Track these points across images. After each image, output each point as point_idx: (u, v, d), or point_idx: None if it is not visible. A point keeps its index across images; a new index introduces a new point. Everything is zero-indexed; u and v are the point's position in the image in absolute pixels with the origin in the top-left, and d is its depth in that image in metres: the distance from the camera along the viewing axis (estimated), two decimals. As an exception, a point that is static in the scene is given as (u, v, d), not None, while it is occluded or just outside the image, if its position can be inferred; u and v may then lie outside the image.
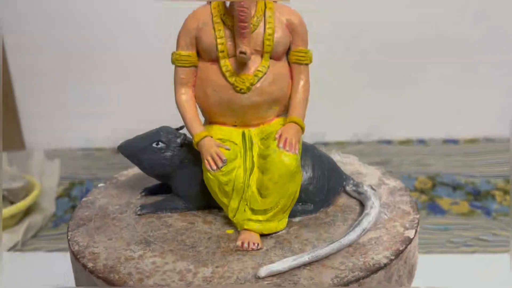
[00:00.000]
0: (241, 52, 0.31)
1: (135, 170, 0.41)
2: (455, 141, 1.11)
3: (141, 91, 1.14)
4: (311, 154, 0.34)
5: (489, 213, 0.86)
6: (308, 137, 1.03)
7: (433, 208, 0.87)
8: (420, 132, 1.12)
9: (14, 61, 1.14)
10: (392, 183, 0.38)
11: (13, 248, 0.79)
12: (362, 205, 0.33)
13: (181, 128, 0.35)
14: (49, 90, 1.16)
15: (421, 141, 1.12)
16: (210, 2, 0.33)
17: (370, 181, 0.38)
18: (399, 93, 1.10)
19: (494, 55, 1.07)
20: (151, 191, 0.37)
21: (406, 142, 1.11)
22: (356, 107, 1.11)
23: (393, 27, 1.07)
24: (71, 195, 0.99)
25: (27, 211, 0.90)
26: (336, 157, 0.43)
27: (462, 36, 1.07)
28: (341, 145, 1.11)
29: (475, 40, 1.07)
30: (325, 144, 1.12)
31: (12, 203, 0.88)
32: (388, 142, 1.12)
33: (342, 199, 0.35)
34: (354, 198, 0.35)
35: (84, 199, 0.37)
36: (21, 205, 0.85)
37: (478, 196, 0.91)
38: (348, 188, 0.35)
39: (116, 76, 1.13)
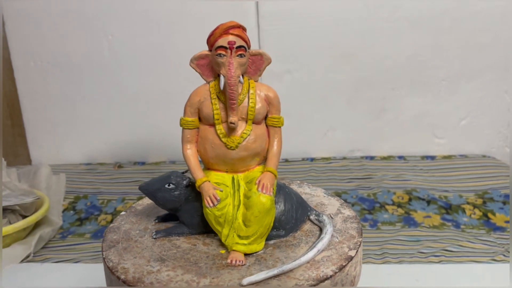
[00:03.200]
0: (231, 123, 0.45)
1: (148, 201, 0.55)
2: (432, 157, 1.25)
3: (141, 109, 1.27)
4: (283, 192, 0.48)
5: (459, 226, 1.01)
6: (298, 153, 1.18)
7: (408, 221, 1.02)
8: (400, 149, 1.26)
9: (21, 79, 1.27)
10: (347, 212, 0.51)
11: (26, 259, 0.92)
12: (321, 230, 0.47)
13: (186, 171, 0.49)
14: (53, 108, 1.29)
15: (401, 157, 1.26)
16: (209, 82, 0.47)
17: (330, 210, 0.52)
18: (381, 114, 1.24)
19: (466, 81, 1.22)
20: (162, 219, 0.51)
21: (387, 158, 1.26)
22: (342, 127, 1.25)
23: (374, 55, 1.21)
24: (76, 208, 1.13)
25: (37, 224, 1.03)
26: (306, 189, 0.57)
27: (437, 64, 1.21)
28: (326, 161, 1.25)
29: (450, 67, 1.21)
30: (313, 159, 1.26)
31: (23, 216, 1.02)
32: (371, 158, 1.26)
33: (307, 226, 0.49)
34: (316, 225, 0.49)
35: (111, 225, 0.50)
36: (32, 219, 0.98)
37: (449, 210, 1.05)
38: (311, 217, 0.49)
39: (118, 94, 1.26)
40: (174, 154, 1.27)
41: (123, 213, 0.53)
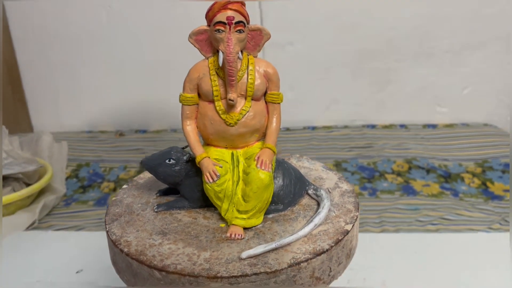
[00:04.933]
0: (230, 100, 0.45)
1: (150, 174, 0.56)
2: (434, 126, 1.26)
3: (142, 77, 1.27)
4: (282, 167, 0.49)
5: (457, 194, 1.02)
6: (299, 122, 1.19)
7: (407, 190, 1.03)
8: (402, 118, 1.27)
9: (20, 49, 1.26)
10: (345, 186, 0.53)
11: (31, 226, 0.95)
12: (319, 205, 0.49)
13: (186, 147, 0.50)
14: (54, 74, 1.29)
15: (403, 126, 1.27)
16: (208, 58, 0.47)
17: (328, 184, 0.53)
18: (385, 83, 1.24)
19: (469, 52, 1.21)
20: (163, 193, 0.52)
21: (389, 127, 1.26)
22: (344, 95, 1.25)
23: (380, 24, 1.19)
24: (79, 176, 1.15)
25: (41, 192, 1.05)
26: (305, 163, 0.58)
27: (441, 35, 1.19)
28: (328, 129, 1.26)
29: (454, 38, 1.20)
30: (314, 128, 1.27)
31: (27, 184, 1.04)
32: (373, 126, 1.27)
33: (305, 200, 0.50)
34: (314, 199, 0.50)
35: (113, 198, 0.52)
36: (36, 187, 1.00)
37: (448, 179, 1.07)
38: (309, 192, 0.50)
39: (118, 62, 1.26)
40: (175, 123, 1.28)
41: (125, 186, 0.54)
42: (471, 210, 0.95)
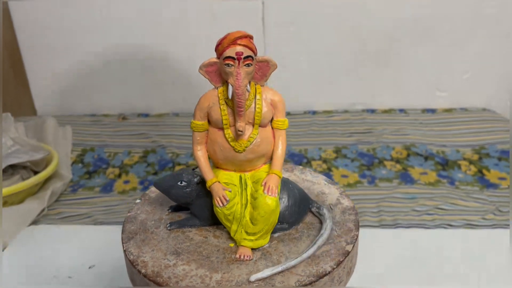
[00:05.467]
0: (239, 130, 0.48)
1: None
2: (433, 111, 1.29)
3: (144, 60, 1.28)
4: (287, 188, 0.53)
5: (453, 182, 1.06)
6: (300, 106, 1.22)
7: (405, 178, 1.08)
8: (402, 102, 1.29)
9: (21, 32, 1.27)
10: (346, 203, 0.57)
11: (41, 214, 0.99)
12: (321, 223, 0.53)
13: (196, 168, 0.54)
14: (56, 58, 1.30)
15: (402, 111, 1.29)
16: (217, 88, 0.50)
17: (330, 200, 0.57)
18: (384, 67, 1.26)
19: (471, 36, 1.22)
20: (174, 209, 0.56)
21: (388, 111, 1.29)
22: (344, 80, 1.28)
23: (380, 8, 1.20)
24: (84, 161, 1.19)
25: (48, 178, 1.09)
26: (308, 176, 0.61)
27: (442, 17, 1.20)
28: (328, 114, 1.29)
29: (455, 19, 1.21)
30: (314, 112, 1.30)
31: (34, 172, 1.07)
32: (372, 111, 1.30)
33: (308, 217, 0.54)
34: (317, 217, 0.54)
35: (128, 214, 0.56)
36: (44, 175, 1.04)
37: (445, 166, 1.11)
38: (313, 209, 0.54)
39: (121, 46, 1.27)
40: (177, 106, 1.30)
41: (138, 201, 0.58)
42: (466, 199, 0.99)
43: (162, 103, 1.31)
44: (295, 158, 1.12)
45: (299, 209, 0.52)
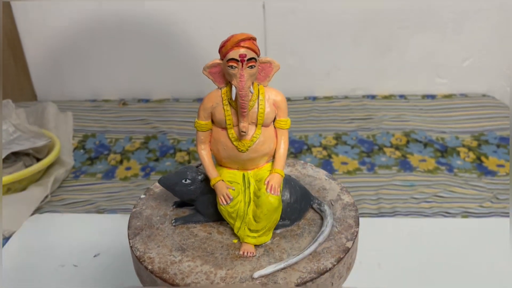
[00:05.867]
0: (242, 131, 0.49)
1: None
2: (433, 97, 1.30)
3: (145, 45, 1.28)
4: (289, 185, 0.54)
5: (452, 169, 1.08)
6: (301, 92, 1.23)
7: (404, 165, 1.09)
8: (402, 87, 1.30)
9: (20, 17, 1.27)
10: (346, 198, 0.58)
11: (44, 201, 1.01)
12: (322, 219, 0.54)
13: (199, 165, 0.55)
14: (55, 43, 1.30)
15: (402, 96, 1.30)
16: (221, 88, 0.51)
17: (331, 196, 0.58)
18: (385, 53, 1.26)
19: (472, 21, 1.22)
20: (179, 205, 0.58)
21: (388, 97, 1.30)
22: (345, 65, 1.28)
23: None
24: (86, 147, 1.20)
25: (50, 165, 1.10)
26: (309, 171, 0.63)
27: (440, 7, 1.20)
28: (328, 100, 1.30)
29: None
30: (315, 98, 1.31)
31: (37, 158, 1.09)
32: (373, 97, 1.31)
33: (310, 214, 0.56)
34: (318, 213, 0.56)
35: (133, 210, 0.57)
36: (46, 162, 1.06)
37: (444, 153, 1.12)
38: (314, 206, 0.56)
39: (121, 30, 1.27)
40: (177, 92, 1.31)
41: (142, 196, 0.59)
42: (465, 187, 1.01)
43: (162, 88, 1.32)
44: (296, 144, 1.13)
45: (301, 206, 0.54)
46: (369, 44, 1.24)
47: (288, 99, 1.29)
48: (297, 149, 1.12)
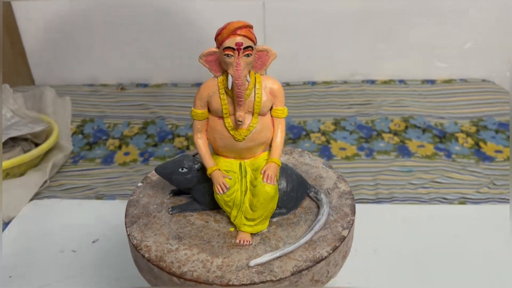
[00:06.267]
0: (238, 120, 0.49)
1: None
2: (432, 82, 1.29)
3: (142, 30, 1.27)
4: (285, 174, 0.54)
5: (450, 155, 1.08)
6: (300, 77, 1.23)
7: (402, 150, 1.09)
8: (402, 72, 1.29)
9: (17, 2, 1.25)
10: (343, 187, 0.58)
11: (43, 186, 1.01)
12: (319, 207, 0.55)
13: (196, 154, 0.55)
14: (53, 27, 1.29)
15: (402, 81, 1.30)
16: (217, 77, 0.51)
17: (328, 184, 0.58)
18: (385, 37, 1.25)
19: (473, 4, 1.21)
20: (176, 193, 0.58)
21: (388, 82, 1.30)
22: (344, 50, 1.27)
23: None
24: (84, 132, 1.20)
25: (49, 150, 1.11)
26: (307, 159, 0.63)
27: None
28: (327, 85, 1.29)
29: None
30: (314, 83, 1.30)
31: (35, 144, 1.09)
32: (372, 82, 1.30)
33: (306, 202, 0.56)
34: (314, 201, 0.56)
35: (130, 198, 0.58)
36: (45, 147, 1.06)
37: (443, 139, 1.12)
38: (310, 194, 0.56)
39: (118, 14, 1.26)
40: (176, 77, 1.30)
41: (140, 184, 0.59)
42: (462, 172, 1.01)
43: (161, 73, 1.31)
44: (295, 130, 1.13)
45: (297, 194, 0.54)
46: (369, 28, 1.23)
47: (287, 84, 1.28)
48: (296, 134, 1.12)
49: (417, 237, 0.81)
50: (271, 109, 0.52)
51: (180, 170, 0.53)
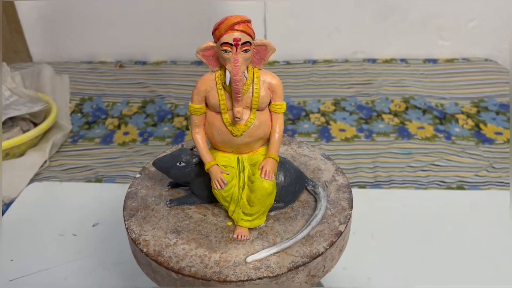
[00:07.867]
0: (236, 117, 0.49)
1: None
2: (434, 61, 1.27)
3: (141, 6, 1.25)
4: (283, 168, 0.54)
5: (450, 137, 1.08)
6: (300, 55, 1.21)
7: (402, 132, 1.09)
8: (404, 51, 1.28)
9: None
10: (341, 180, 0.58)
11: (43, 166, 1.01)
12: (316, 200, 0.54)
13: (194, 148, 0.55)
14: (50, 3, 1.26)
15: (403, 60, 1.28)
16: (215, 72, 0.50)
17: (326, 177, 0.58)
18: (389, 15, 1.23)
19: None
20: (174, 185, 0.58)
21: (389, 61, 1.28)
22: (345, 27, 1.25)
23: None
24: (83, 111, 1.19)
25: (48, 129, 1.10)
26: (305, 150, 0.62)
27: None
28: (328, 63, 1.27)
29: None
30: (314, 61, 1.28)
31: (34, 123, 1.08)
32: (373, 61, 1.28)
33: (304, 195, 0.56)
34: (312, 194, 0.56)
35: (128, 189, 0.57)
36: (43, 127, 1.05)
37: (443, 120, 1.12)
38: (308, 188, 0.56)
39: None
40: (175, 54, 1.28)
41: (138, 175, 0.59)
42: (461, 155, 1.01)
43: (160, 50, 1.29)
44: (294, 110, 1.12)
45: (295, 188, 0.54)
46: (371, 5, 1.21)
47: (287, 63, 1.27)
48: (295, 115, 1.11)
49: (414, 222, 0.81)
50: (269, 104, 0.51)
51: (178, 164, 0.53)
